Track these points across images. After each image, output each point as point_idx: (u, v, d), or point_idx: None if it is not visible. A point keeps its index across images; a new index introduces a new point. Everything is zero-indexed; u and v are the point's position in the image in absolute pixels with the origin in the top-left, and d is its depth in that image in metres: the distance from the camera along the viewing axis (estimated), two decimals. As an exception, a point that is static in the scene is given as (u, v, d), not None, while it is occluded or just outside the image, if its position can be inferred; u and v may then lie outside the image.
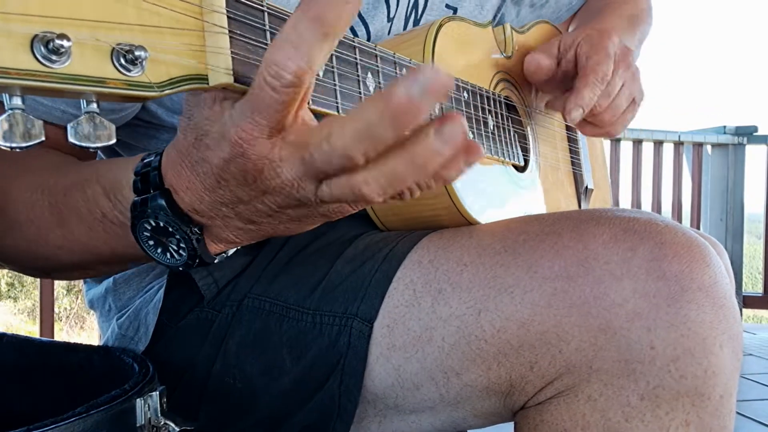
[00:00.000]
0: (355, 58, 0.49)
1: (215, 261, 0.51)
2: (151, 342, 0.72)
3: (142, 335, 0.73)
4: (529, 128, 0.85)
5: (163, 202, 0.47)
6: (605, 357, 0.53)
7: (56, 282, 2.72)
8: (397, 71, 0.54)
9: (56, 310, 2.67)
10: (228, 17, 0.38)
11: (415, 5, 0.82)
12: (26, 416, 0.52)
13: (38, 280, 2.51)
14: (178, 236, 0.48)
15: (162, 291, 0.72)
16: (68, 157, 0.65)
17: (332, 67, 0.46)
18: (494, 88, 0.78)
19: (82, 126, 0.35)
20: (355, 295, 0.63)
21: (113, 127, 0.36)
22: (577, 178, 0.99)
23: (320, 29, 0.36)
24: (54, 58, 0.31)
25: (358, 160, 0.38)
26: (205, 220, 0.48)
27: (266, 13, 0.41)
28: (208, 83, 0.39)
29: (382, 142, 0.37)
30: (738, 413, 0.57)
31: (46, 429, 0.47)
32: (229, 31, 0.39)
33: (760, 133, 4.07)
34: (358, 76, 0.49)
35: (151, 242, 0.49)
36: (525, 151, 0.83)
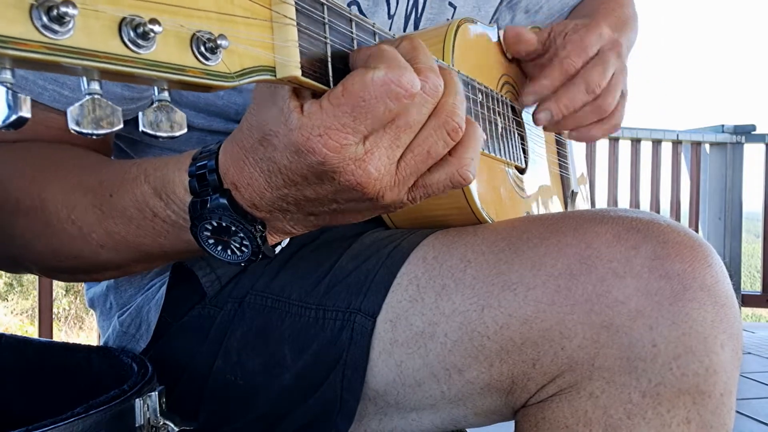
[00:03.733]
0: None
1: (275, 253, 0.52)
2: (152, 339, 0.72)
3: (143, 332, 0.73)
4: (525, 131, 0.85)
5: (224, 202, 0.48)
6: (607, 354, 0.53)
7: (55, 282, 2.71)
8: None
9: (55, 310, 2.67)
10: (295, 9, 0.39)
11: (415, 4, 0.82)
12: (25, 416, 0.52)
13: (37, 280, 2.50)
14: (241, 234, 0.49)
15: (164, 288, 0.72)
16: (98, 155, 0.65)
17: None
18: (500, 89, 0.78)
19: (152, 115, 0.34)
20: (358, 290, 0.63)
21: (184, 116, 0.36)
22: (564, 182, 0.99)
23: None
24: (141, 43, 0.30)
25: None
26: (263, 215, 0.49)
27: (325, 7, 0.42)
28: (275, 75, 0.39)
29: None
30: (737, 411, 0.57)
31: (46, 429, 0.46)
32: (297, 24, 0.39)
33: (758, 131, 4.08)
34: None
35: (212, 241, 0.50)
36: (524, 153, 0.83)
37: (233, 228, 0.48)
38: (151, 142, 0.74)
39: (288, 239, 0.54)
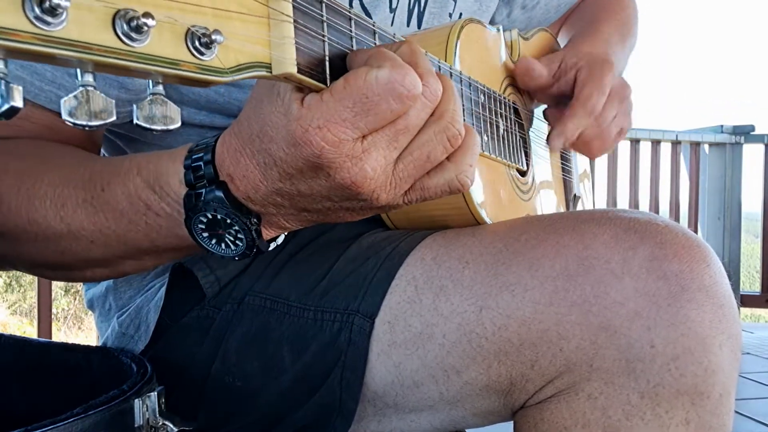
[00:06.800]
0: None
1: (269, 248, 0.52)
2: (151, 340, 0.72)
3: (142, 333, 0.73)
4: (528, 133, 0.85)
5: (220, 194, 0.47)
6: (606, 355, 0.53)
7: (54, 282, 2.71)
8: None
9: (54, 310, 2.67)
10: (293, 6, 0.39)
11: None
12: (24, 416, 0.52)
13: (36, 280, 2.50)
14: (236, 227, 0.48)
15: (163, 289, 0.72)
16: (86, 152, 0.64)
17: None
18: (503, 91, 0.78)
19: (147, 108, 0.35)
20: (357, 292, 0.63)
21: (178, 110, 0.36)
22: (567, 185, 0.99)
23: None
24: (135, 36, 0.30)
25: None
26: (258, 208, 0.49)
27: (324, 5, 0.42)
28: (271, 71, 0.39)
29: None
30: (736, 412, 0.57)
31: (45, 429, 0.46)
32: (294, 21, 0.39)
33: (757, 132, 4.08)
34: None
35: (206, 234, 0.50)
36: (526, 155, 0.83)
37: (228, 221, 0.48)
38: (147, 139, 0.74)
39: (283, 236, 0.53)
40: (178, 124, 0.36)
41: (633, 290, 0.53)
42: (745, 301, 3.95)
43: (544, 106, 0.91)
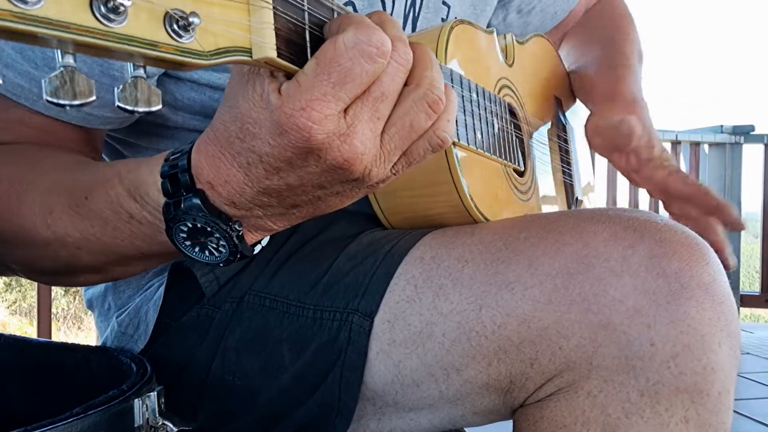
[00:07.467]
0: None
1: (254, 252, 0.51)
2: (150, 340, 0.72)
3: (141, 333, 0.73)
4: (527, 135, 0.85)
5: (198, 202, 0.46)
6: (605, 353, 0.54)
7: (54, 283, 2.71)
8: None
9: (54, 310, 2.67)
10: None
11: (413, 4, 0.82)
12: (24, 416, 0.52)
13: (35, 280, 2.49)
14: (217, 235, 0.47)
15: (162, 288, 0.71)
16: (77, 156, 0.64)
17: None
18: (497, 92, 0.79)
19: (128, 90, 0.35)
20: (356, 291, 0.63)
21: (159, 93, 0.36)
22: (568, 188, 0.99)
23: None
24: (112, 17, 0.31)
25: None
26: (243, 212, 0.47)
27: None
28: (251, 56, 0.39)
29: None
30: (735, 412, 0.57)
31: (44, 429, 0.46)
32: (273, 7, 0.39)
33: (756, 132, 4.08)
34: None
35: (188, 243, 0.49)
36: (523, 156, 0.83)
37: (208, 228, 0.47)
38: (146, 143, 0.74)
39: (268, 237, 0.53)
40: (160, 106, 0.36)
41: (632, 288, 0.53)
42: (745, 301, 3.95)
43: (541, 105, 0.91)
